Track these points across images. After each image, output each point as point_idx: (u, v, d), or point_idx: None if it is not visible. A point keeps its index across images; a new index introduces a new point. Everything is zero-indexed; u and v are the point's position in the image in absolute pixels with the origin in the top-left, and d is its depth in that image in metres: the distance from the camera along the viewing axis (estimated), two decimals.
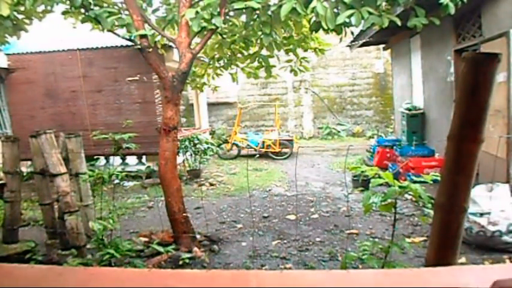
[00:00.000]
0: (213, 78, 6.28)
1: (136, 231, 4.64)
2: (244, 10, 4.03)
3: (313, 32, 4.14)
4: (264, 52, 5.04)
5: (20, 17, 4.35)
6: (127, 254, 3.23)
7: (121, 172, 3.81)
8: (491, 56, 1.12)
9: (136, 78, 7.19)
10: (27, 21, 4.41)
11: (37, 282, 0.75)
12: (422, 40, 7.23)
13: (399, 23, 3.54)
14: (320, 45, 5.42)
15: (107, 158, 7.79)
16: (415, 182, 2.32)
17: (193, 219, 4.44)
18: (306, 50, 5.43)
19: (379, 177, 2.27)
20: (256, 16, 4.12)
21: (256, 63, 5.31)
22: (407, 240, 3.64)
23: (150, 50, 3.93)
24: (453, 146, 1.20)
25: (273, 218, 5.08)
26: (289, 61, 5.61)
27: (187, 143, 7.68)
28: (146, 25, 4.00)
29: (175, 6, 4.58)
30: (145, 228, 4.63)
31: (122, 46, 6.68)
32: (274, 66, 5.39)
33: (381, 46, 10.59)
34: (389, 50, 10.03)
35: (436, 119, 6.96)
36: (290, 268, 3.54)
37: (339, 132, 13.52)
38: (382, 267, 2.28)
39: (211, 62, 5.76)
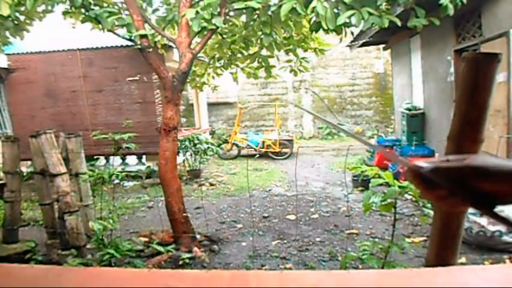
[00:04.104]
0: (213, 77, 6.28)
1: (136, 231, 4.64)
2: (244, 10, 4.03)
3: (313, 32, 4.14)
4: (264, 52, 5.04)
5: (22, 17, 4.35)
6: (127, 254, 3.23)
7: (121, 172, 3.81)
8: (491, 56, 1.12)
9: (137, 78, 7.19)
10: (28, 21, 4.41)
11: (37, 282, 0.75)
12: (422, 40, 7.23)
13: (399, 23, 3.54)
14: (320, 45, 5.42)
15: (107, 158, 7.79)
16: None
17: (193, 219, 4.44)
18: (306, 50, 5.43)
19: (379, 177, 2.27)
20: (256, 16, 4.12)
21: (256, 63, 5.31)
22: (407, 240, 3.63)
23: (150, 50, 3.93)
24: (453, 146, 1.20)
25: (273, 218, 5.08)
26: (289, 61, 5.61)
27: (187, 143, 7.68)
28: (146, 25, 4.00)
29: (176, 6, 4.58)
30: (145, 228, 4.63)
31: (122, 46, 6.68)
32: (274, 66, 5.39)
33: (381, 46, 10.59)
34: (389, 50, 10.03)
35: (436, 119, 6.96)
36: (290, 268, 3.54)
37: (339, 132, 13.52)
38: (382, 267, 2.28)
39: (211, 62, 5.76)
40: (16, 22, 4.28)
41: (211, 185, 7.19)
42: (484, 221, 3.62)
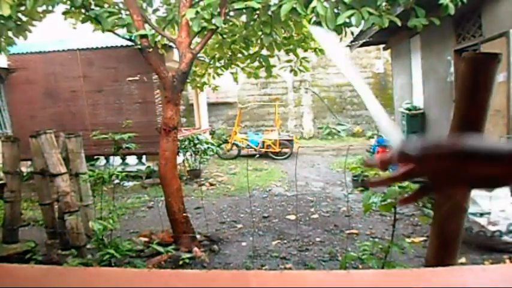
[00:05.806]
0: (214, 78, 6.28)
1: (137, 231, 4.64)
2: (244, 10, 4.03)
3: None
4: (264, 52, 5.04)
5: (24, 17, 4.34)
6: (127, 254, 3.23)
7: (121, 172, 3.81)
8: (491, 56, 1.12)
9: (137, 78, 7.19)
10: (30, 21, 4.40)
11: (37, 282, 0.75)
12: (422, 40, 7.23)
13: (399, 23, 3.54)
14: (320, 45, 5.42)
15: (107, 158, 7.79)
16: (415, 182, 2.32)
17: (193, 219, 4.44)
18: (306, 50, 5.43)
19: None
20: (256, 16, 4.12)
21: (256, 63, 5.30)
22: (407, 240, 3.64)
23: (150, 50, 3.93)
24: None
25: (273, 218, 5.08)
26: (289, 61, 5.61)
27: (187, 143, 7.67)
28: (146, 25, 4.00)
29: (176, 6, 4.58)
30: (145, 228, 4.63)
31: (122, 46, 6.67)
32: (274, 66, 5.39)
33: (381, 46, 10.59)
34: (389, 50, 10.03)
35: (436, 119, 6.96)
36: (290, 268, 3.54)
37: (339, 132, 13.52)
38: (382, 267, 2.28)
39: (211, 62, 5.76)
40: (18, 22, 4.28)
41: (211, 185, 7.19)
42: (484, 221, 3.62)
